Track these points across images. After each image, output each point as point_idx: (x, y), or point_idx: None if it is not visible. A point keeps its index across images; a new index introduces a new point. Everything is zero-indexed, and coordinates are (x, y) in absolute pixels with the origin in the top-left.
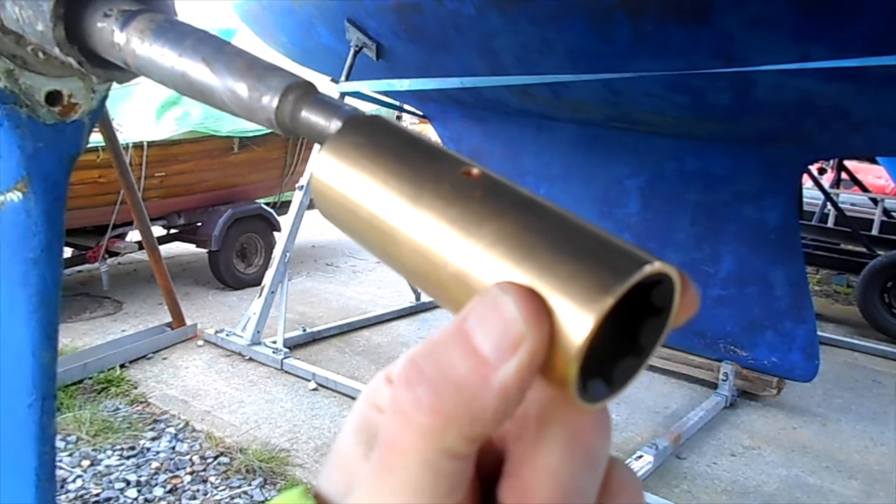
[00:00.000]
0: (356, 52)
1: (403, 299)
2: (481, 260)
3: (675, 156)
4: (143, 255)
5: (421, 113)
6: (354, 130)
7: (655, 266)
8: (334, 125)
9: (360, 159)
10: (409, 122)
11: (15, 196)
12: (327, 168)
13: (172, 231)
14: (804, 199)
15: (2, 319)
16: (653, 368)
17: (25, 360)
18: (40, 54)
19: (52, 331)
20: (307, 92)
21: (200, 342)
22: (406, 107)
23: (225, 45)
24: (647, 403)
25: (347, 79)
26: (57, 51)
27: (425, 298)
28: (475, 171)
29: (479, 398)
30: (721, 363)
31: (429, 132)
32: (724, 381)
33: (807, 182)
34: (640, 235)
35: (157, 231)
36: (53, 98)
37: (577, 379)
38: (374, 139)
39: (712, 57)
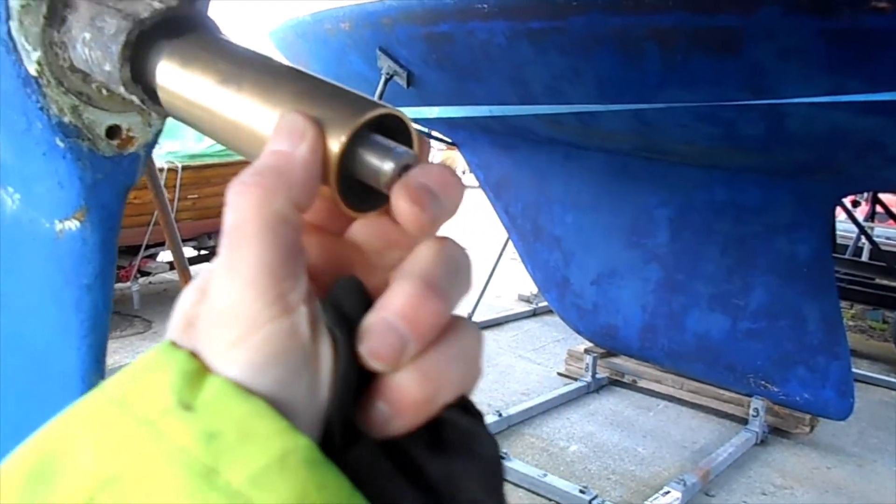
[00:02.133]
0: (387, 80)
1: None
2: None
3: (705, 186)
4: (173, 276)
5: (449, 140)
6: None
7: (389, 108)
8: (387, 166)
9: (195, 66)
10: (437, 149)
11: (73, 224)
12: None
13: (203, 252)
14: (837, 232)
15: (53, 343)
16: (681, 402)
17: (74, 384)
18: (104, 91)
19: (101, 355)
20: (360, 133)
21: None
22: (434, 133)
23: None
24: (674, 438)
25: None
26: (122, 90)
27: None
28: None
29: (289, 171)
30: (751, 398)
31: (457, 158)
32: (754, 416)
33: (840, 215)
34: (669, 266)
35: (189, 252)
36: (113, 132)
37: (337, 183)
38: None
39: (743, 88)
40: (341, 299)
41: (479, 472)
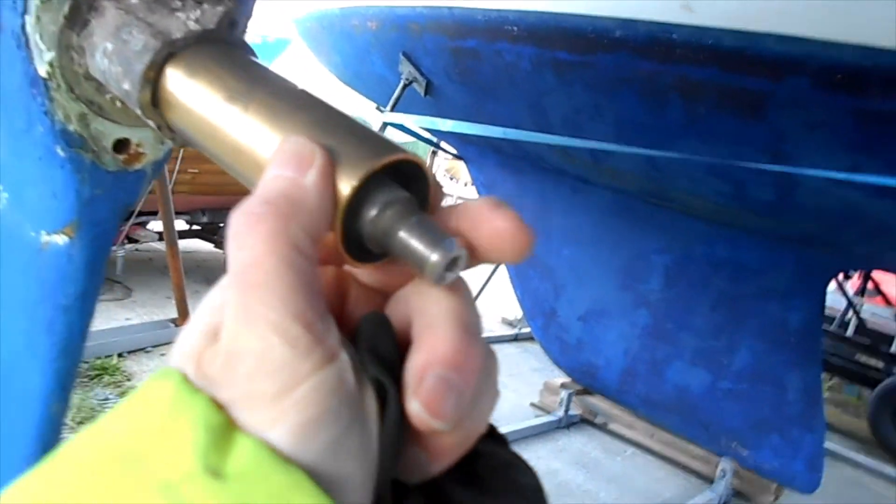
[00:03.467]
0: (405, 86)
1: None
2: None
3: (706, 240)
4: (160, 246)
5: (456, 153)
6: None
7: (408, 154)
8: (435, 257)
9: (204, 79)
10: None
11: (60, 239)
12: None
13: (194, 227)
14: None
15: (19, 360)
16: (649, 451)
17: (34, 409)
18: (118, 103)
19: (68, 382)
20: (408, 209)
21: None
22: (443, 144)
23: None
24: (638, 486)
25: (392, 109)
26: (138, 111)
27: None
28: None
29: (301, 197)
30: (721, 458)
31: (461, 171)
32: (721, 477)
33: (829, 286)
34: (658, 313)
35: (180, 225)
36: (121, 146)
37: (342, 228)
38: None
39: (761, 151)
40: (376, 341)
41: None
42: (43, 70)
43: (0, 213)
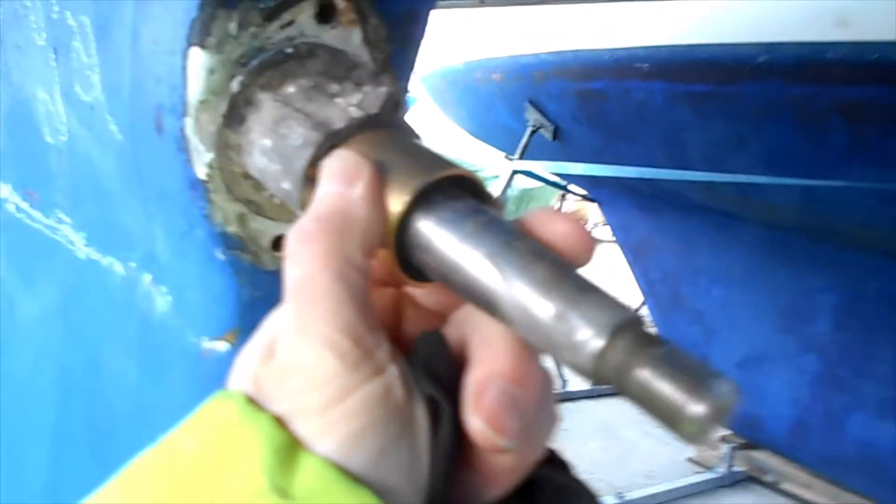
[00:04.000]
0: (532, 132)
1: None
2: None
3: (881, 275)
4: None
5: (587, 194)
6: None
7: (462, 170)
8: (694, 409)
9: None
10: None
11: (222, 346)
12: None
13: None
14: None
15: None
16: None
17: None
18: (276, 199)
19: None
20: (644, 339)
21: None
22: (572, 187)
23: (519, 240)
24: None
25: (521, 157)
26: (299, 212)
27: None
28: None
29: (351, 211)
30: None
31: (588, 210)
32: None
33: None
34: (831, 359)
35: None
36: (279, 243)
37: (395, 242)
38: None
39: None
40: (431, 358)
41: None
42: (202, 172)
43: (165, 316)
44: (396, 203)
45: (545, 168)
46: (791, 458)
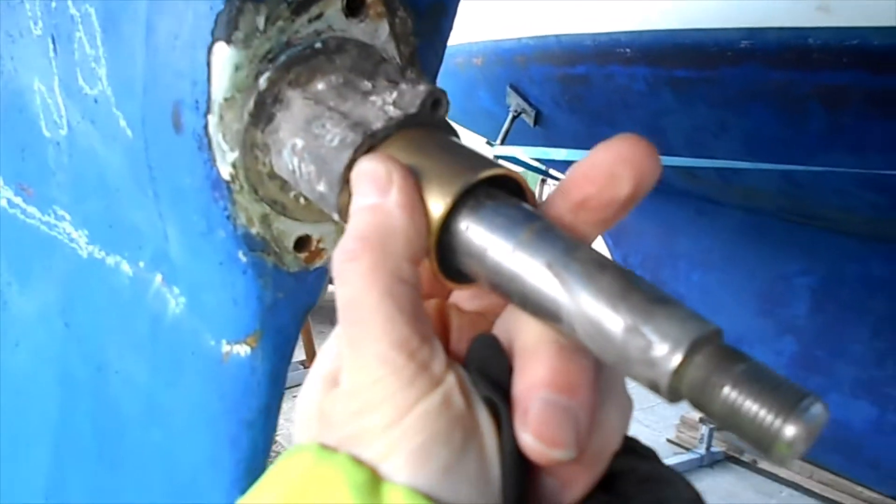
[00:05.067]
0: (514, 118)
1: None
2: None
3: (858, 258)
4: None
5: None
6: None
7: (501, 169)
8: (788, 431)
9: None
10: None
11: (243, 350)
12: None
13: None
14: None
15: (202, 477)
16: (808, 492)
17: None
18: (302, 199)
19: None
20: (724, 353)
21: None
22: (552, 172)
23: (579, 250)
24: None
25: (503, 143)
26: (336, 216)
27: None
28: None
29: (390, 222)
30: (894, 501)
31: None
32: None
33: None
34: (807, 341)
35: None
36: (302, 243)
37: (436, 247)
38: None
39: None
40: (486, 362)
41: None
42: (226, 172)
43: (178, 318)
44: (438, 205)
45: (527, 153)
46: None
